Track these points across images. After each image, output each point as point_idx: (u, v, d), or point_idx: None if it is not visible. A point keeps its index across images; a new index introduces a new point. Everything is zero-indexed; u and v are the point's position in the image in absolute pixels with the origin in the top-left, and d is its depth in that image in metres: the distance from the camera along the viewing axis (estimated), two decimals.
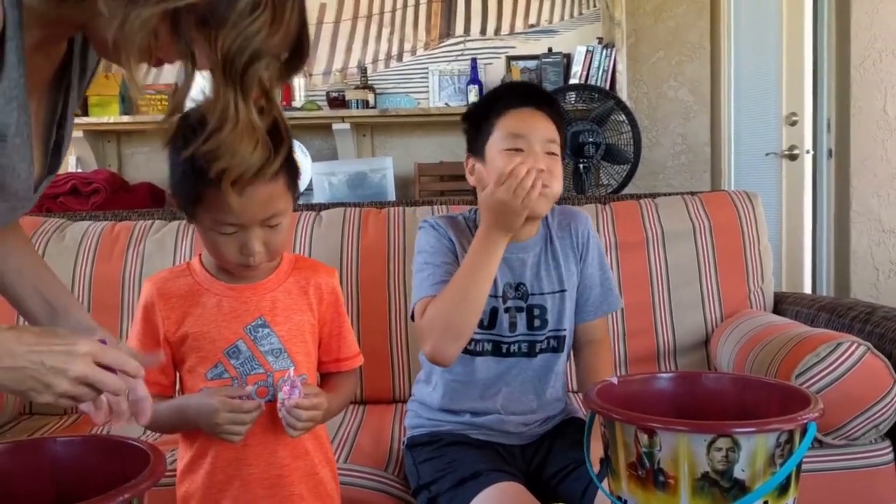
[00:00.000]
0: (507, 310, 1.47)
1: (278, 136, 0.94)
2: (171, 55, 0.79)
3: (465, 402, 1.48)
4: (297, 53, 0.88)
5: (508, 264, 1.47)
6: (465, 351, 1.43)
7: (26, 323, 1.10)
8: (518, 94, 1.49)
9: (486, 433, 1.46)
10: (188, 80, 0.79)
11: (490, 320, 1.46)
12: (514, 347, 1.47)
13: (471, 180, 1.52)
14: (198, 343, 1.16)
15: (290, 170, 1.13)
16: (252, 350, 1.17)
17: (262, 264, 1.16)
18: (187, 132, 0.93)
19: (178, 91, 0.81)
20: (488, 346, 1.46)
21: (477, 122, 1.50)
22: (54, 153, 0.93)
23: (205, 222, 1.11)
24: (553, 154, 1.44)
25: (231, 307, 1.18)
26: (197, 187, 1.06)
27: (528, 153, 1.40)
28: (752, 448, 0.89)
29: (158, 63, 0.82)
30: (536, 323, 1.48)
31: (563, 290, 1.50)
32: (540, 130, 1.43)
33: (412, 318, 1.45)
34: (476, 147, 1.49)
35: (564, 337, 1.51)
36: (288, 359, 1.18)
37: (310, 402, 1.13)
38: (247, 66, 0.78)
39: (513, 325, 1.47)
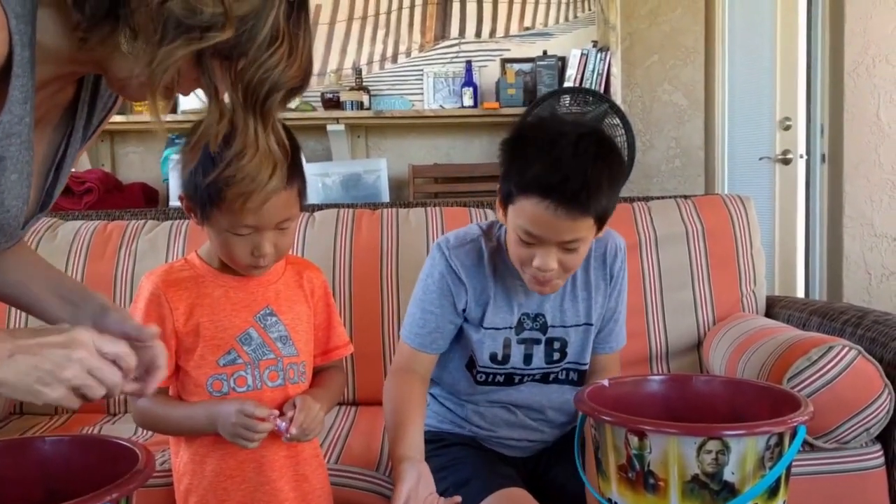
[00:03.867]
0: (521, 342, 1.39)
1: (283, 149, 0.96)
2: (192, 88, 0.83)
3: (472, 417, 1.44)
4: (303, 82, 0.90)
5: (527, 293, 1.37)
6: (475, 381, 1.41)
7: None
8: (543, 183, 1.20)
9: (491, 444, 1.44)
10: (212, 112, 0.82)
11: (504, 354, 1.39)
12: (527, 378, 1.41)
13: (499, 216, 1.35)
14: (209, 332, 1.20)
15: (302, 176, 1.20)
16: (263, 337, 1.23)
17: (269, 265, 1.21)
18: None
19: (205, 123, 0.83)
20: (500, 378, 1.41)
21: (505, 168, 1.28)
22: (48, 193, 0.93)
23: (220, 224, 1.16)
24: (573, 250, 1.25)
25: (239, 297, 1.23)
26: (220, 193, 1.10)
27: (539, 250, 1.24)
28: (742, 451, 0.90)
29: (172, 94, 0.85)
30: (556, 356, 1.41)
31: (588, 324, 1.41)
32: (561, 233, 1.22)
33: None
34: (502, 191, 1.30)
35: (585, 371, 1.45)
36: (293, 346, 1.25)
37: (305, 420, 1.17)
38: (266, 97, 0.81)
39: (528, 358, 1.39)
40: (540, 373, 1.42)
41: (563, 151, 1.20)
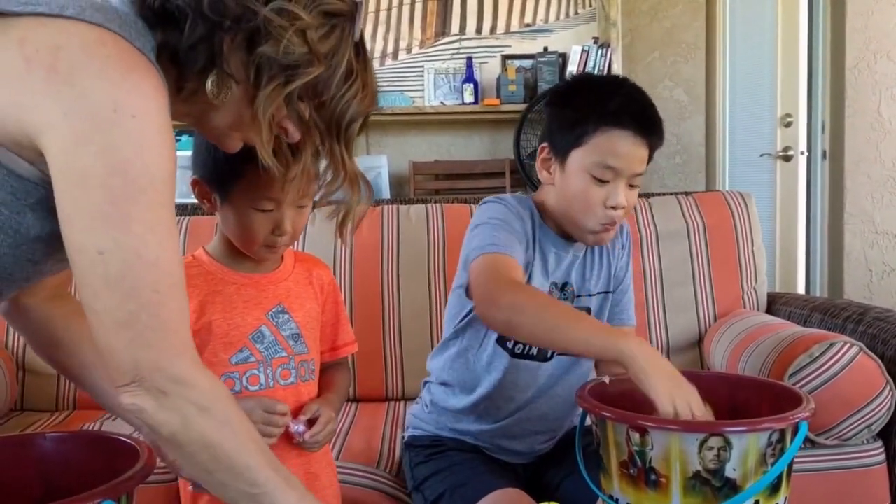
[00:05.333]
0: None
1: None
2: (277, 131, 0.90)
3: (493, 411, 1.39)
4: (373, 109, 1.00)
5: (558, 261, 1.36)
6: (512, 353, 1.36)
7: None
8: (626, 113, 1.25)
9: (496, 452, 1.41)
10: (304, 145, 0.92)
11: None
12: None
13: (543, 176, 1.34)
14: (222, 330, 1.19)
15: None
16: (275, 335, 1.21)
17: (283, 247, 1.21)
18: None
19: (304, 161, 0.95)
20: (534, 351, 1.37)
21: (567, 115, 1.29)
22: None
23: (242, 201, 1.14)
24: (636, 186, 1.30)
25: (250, 295, 1.22)
26: (241, 166, 1.09)
27: (612, 187, 1.26)
28: (744, 447, 0.89)
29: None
30: None
31: (608, 292, 1.41)
32: (635, 164, 1.26)
33: (464, 266, 1.31)
34: (557, 143, 1.30)
35: None
36: (304, 343, 1.24)
37: (321, 434, 1.19)
38: (348, 126, 0.91)
39: None
40: None
41: (629, 87, 1.31)
